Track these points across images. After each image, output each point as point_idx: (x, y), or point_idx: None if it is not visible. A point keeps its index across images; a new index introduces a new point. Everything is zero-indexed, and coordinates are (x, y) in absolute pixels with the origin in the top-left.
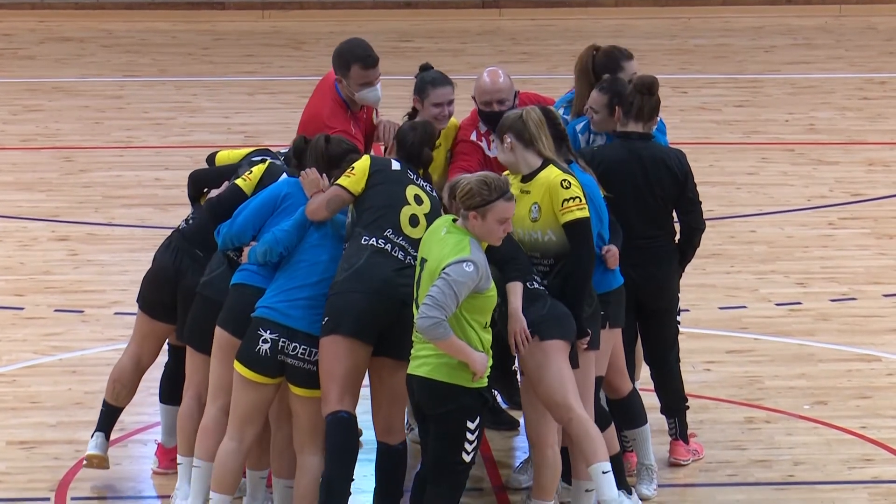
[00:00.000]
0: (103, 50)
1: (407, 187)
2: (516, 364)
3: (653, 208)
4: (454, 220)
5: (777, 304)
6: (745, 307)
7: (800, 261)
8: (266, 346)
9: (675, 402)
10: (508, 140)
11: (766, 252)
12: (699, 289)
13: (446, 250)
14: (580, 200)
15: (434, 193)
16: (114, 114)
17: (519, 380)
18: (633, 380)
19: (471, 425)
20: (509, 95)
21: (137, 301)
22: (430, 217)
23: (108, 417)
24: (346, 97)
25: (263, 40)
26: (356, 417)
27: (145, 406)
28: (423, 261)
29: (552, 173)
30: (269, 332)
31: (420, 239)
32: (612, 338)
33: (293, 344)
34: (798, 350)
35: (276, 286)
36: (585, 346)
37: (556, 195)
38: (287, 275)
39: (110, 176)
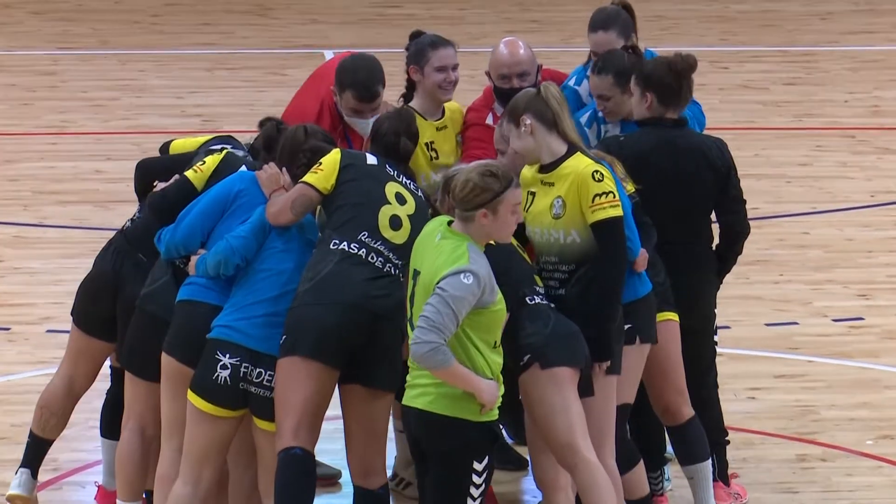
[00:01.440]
0: (33, 17)
1: (386, 184)
2: None
3: (689, 208)
4: (449, 223)
5: (834, 320)
6: (796, 323)
7: (862, 268)
8: (225, 373)
9: (712, 435)
10: (528, 122)
11: (822, 258)
12: (742, 302)
13: (441, 260)
14: (614, 196)
15: (420, 193)
16: (45, 93)
17: None
18: None
19: (478, 466)
20: (531, 68)
21: (71, 313)
22: (415, 219)
23: (36, 451)
24: (340, 110)
25: (224, 6)
26: (313, 454)
27: (83, 441)
28: (416, 273)
29: (582, 162)
30: (228, 356)
31: (403, 244)
32: (641, 356)
33: (257, 370)
34: (859, 374)
35: (234, 302)
36: (605, 368)
37: (585, 189)
38: (246, 288)
39: (41, 167)
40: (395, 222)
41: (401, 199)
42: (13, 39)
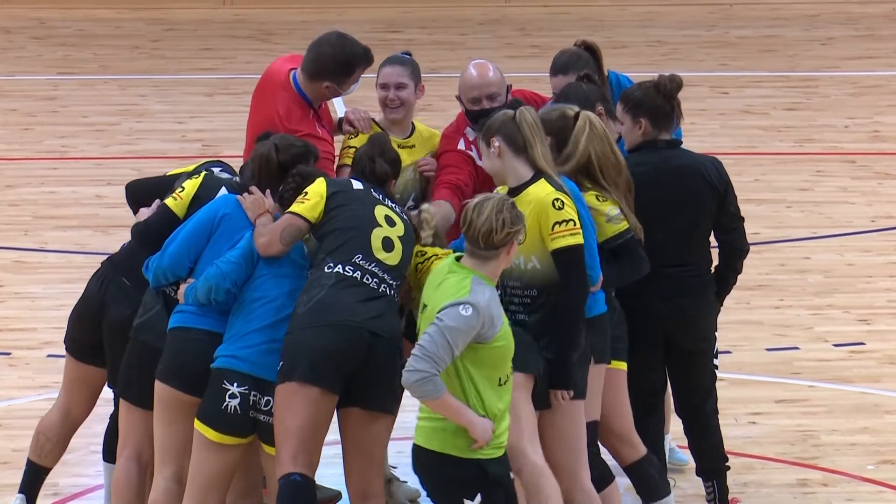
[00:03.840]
0: (34, 43)
1: (375, 207)
2: None
3: (689, 229)
4: (457, 259)
5: (835, 345)
6: (797, 348)
7: (863, 293)
8: (235, 402)
9: (712, 461)
10: (496, 144)
11: (823, 283)
12: (743, 326)
13: (447, 294)
14: (574, 224)
15: (404, 215)
16: (46, 118)
17: None
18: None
19: (470, 503)
20: (501, 90)
21: (64, 341)
22: (406, 240)
23: (33, 478)
24: (311, 96)
25: (225, 31)
26: (313, 480)
27: (84, 466)
28: (424, 307)
29: (543, 190)
30: (235, 385)
31: (396, 265)
32: (598, 374)
33: (265, 398)
34: (860, 399)
35: (234, 332)
36: (570, 396)
37: (545, 216)
38: (243, 318)
39: (42, 192)
40: (388, 244)
41: (390, 222)
42: (14, 64)
